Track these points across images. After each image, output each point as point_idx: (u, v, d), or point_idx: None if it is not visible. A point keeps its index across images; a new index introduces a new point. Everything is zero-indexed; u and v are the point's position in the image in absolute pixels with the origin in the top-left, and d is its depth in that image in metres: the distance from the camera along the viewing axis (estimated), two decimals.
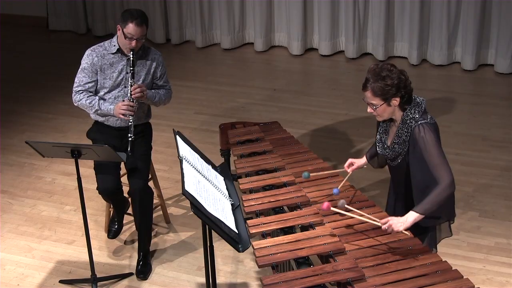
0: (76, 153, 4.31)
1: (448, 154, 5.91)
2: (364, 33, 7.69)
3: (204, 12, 8.11)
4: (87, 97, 4.69)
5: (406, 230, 3.68)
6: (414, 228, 3.75)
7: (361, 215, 3.82)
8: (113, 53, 4.66)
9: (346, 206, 3.86)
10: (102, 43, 4.73)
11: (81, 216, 4.52)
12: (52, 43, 8.64)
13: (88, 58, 4.68)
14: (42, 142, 4.45)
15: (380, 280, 3.46)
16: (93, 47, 4.70)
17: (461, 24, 7.30)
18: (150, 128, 4.98)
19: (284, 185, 4.32)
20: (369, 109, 3.81)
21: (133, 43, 4.54)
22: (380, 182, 5.48)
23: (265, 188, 4.33)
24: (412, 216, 3.66)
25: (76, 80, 4.72)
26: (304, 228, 3.93)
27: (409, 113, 3.77)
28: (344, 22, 7.70)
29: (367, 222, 3.81)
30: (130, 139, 4.62)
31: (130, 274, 4.82)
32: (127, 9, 4.59)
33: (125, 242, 5.13)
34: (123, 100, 4.63)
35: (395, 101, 3.74)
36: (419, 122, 3.74)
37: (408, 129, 3.77)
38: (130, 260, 4.96)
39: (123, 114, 4.60)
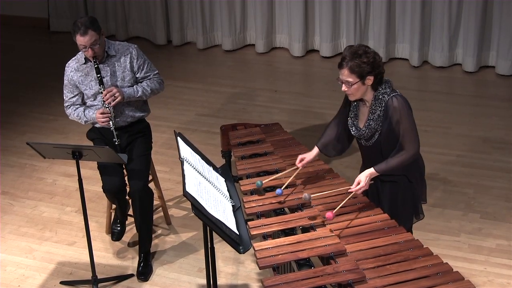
0: (77, 154, 4.31)
1: (449, 156, 5.93)
2: (365, 34, 7.69)
3: (205, 13, 8.11)
4: (74, 110, 4.79)
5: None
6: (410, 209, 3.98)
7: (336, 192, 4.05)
8: (84, 63, 4.71)
9: (312, 196, 4.02)
10: (76, 55, 4.79)
11: (82, 217, 4.52)
12: (53, 44, 8.64)
13: (66, 74, 4.77)
14: (43, 143, 4.45)
15: (381, 281, 3.45)
16: (68, 62, 4.79)
17: (462, 26, 7.30)
18: (149, 129, 4.98)
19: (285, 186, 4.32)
20: (343, 87, 3.94)
21: (89, 51, 4.57)
22: None
23: (266, 189, 4.33)
24: (369, 173, 3.95)
25: (64, 96, 4.83)
26: (305, 229, 3.93)
27: (380, 89, 3.94)
28: (345, 23, 7.70)
29: (347, 199, 3.97)
30: (116, 143, 4.69)
31: (131, 275, 4.82)
32: (74, 21, 4.62)
33: (128, 244, 5.12)
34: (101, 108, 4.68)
35: (369, 80, 3.89)
36: (391, 95, 3.91)
37: (381, 103, 3.92)
38: (130, 262, 4.96)
39: (103, 122, 4.66)
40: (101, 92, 4.62)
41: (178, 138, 4.02)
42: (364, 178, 3.95)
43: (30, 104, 7.16)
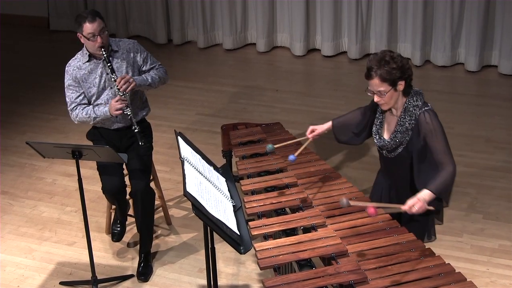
0: (77, 153, 4.30)
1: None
2: (367, 34, 7.68)
3: (206, 12, 8.11)
4: (82, 109, 4.72)
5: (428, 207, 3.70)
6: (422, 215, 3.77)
7: (383, 206, 3.82)
8: (87, 61, 4.68)
9: (351, 203, 3.81)
10: (76, 55, 4.75)
11: (81, 217, 4.51)
12: (53, 43, 8.64)
13: (68, 74, 4.72)
14: (43, 142, 4.44)
15: (382, 282, 3.45)
16: (69, 62, 4.74)
17: (465, 25, 7.29)
18: (149, 128, 4.97)
19: (286, 186, 4.32)
20: (376, 98, 3.81)
21: (98, 39, 4.55)
22: None
23: (267, 189, 4.32)
24: (427, 195, 3.67)
25: (67, 99, 4.75)
26: (306, 230, 3.92)
27: (411, 101, 3.82)
28: (347, 22, 7.69)
29: (391, 210, 3.80)
30: (136, 130, 4.61)
31: (131, 276, 4.81)
32: (77, 15, 4.62)
33: (127, 244, 5.12)
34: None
35: (401, 85, 3.77)
36: (423, 109, 3.79)
37: (411, 116, 3.80)
38: (131, 262, 4.95)
39: (119, 110, 4.59)
40: (114, 80, 4.59)
41: (179, 137, 4.02)
42: (420, 203, 3.65)
43: (30, 103, 7.16)
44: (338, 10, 7.67)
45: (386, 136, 3.95)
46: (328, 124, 4.27)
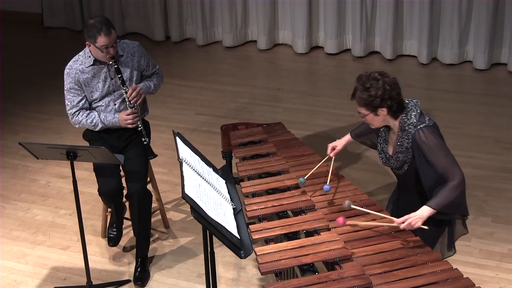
0: (71, 154, 4.31)
1: (459, 157, 5.89)
2: (371, 30, 7.68)
3: (205, 8, 8.11)
4: (86, 116, 4.73)
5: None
6: (431, 223, 3.81)
7: (375, 217, 3.91)
8: (92, 65, 4.67)
9: (352, 206, 3.93)
10: (77, 57, 4.73)
11: (76, 220, 4.52)
12: (47, 40, 8.64)
13: (69, 77, 4.70)
14: (36, 143, 4.45)
15: None
16: (70, 64, 4.72)
17: (473, 21, 7.29)
18: (148, 127, 4.98)
19: (288, 188, 4.32)
20: (360, 116, 3.90)
21: (111, 51, 4.56)
22: (388, 186, 5.47)
23: (268, 192, 4.33)
24: (426, 211, 3.74)
25: (67, 102, 4.75)
26: (309, 233, 3.92)
27: (405, 120, 3.84)
28: (351, 19, 7.69)
29: (382, 226, 3.85)
30: (145, 143, 4.72)
31: (128, 281, 4.81)
32: (86, 23, 4.56)
33: (123, 248, 5.12)
34: (126, 109, 4.69)
35: (382, 111, 3.82)
36: (418, 127, 3.82)
37: (408, 135, 3.84)
38: (127, 267, 4.95)
39: (131, 124, 4.67)
40: (126, 92, 4.64)
41: (177, 138, 4.02)
42: (414, 219, 3.75)
43: (23, 102, 7.16)
44: (342, 6, 7.67)
45: (391, 152, 3.99)
46: (347, 138, 4.36)
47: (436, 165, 3.78)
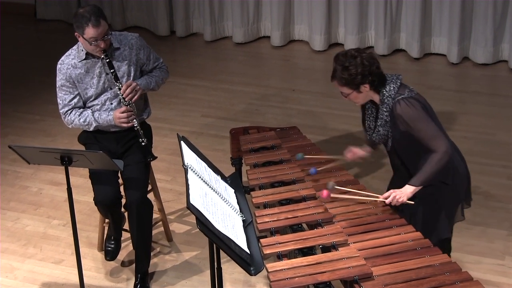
0: (66, 159, 4.32)
1: (493, 167, 5.90)
2: (396, 26, 7.68)
3: (213, 0, 8.14)
4: (79, 115, 4.75)
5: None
6: (430, 207, 4.13)
7: (360, 195, 4.16)
8: (84, 59, 4.70)
9: (336, 187, 4.18)
10: (69, 51, 4.76)
11: (70, 231, 4.53)
12: (40, 33, 8.69)
13: (61, 73, 4.73)
14: (27, 146, 4.47)
15: None
16: (62, 59, 4.75)
17: (509, 17, 7.28)
18: (149, 131, 5.00)
19: (303, 199, 4.33)
20: (343, 97, 4.14)
21: (101, 44, 4.57)
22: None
23: (281, 202, 4.33)
24: (409, 188, 4.04)
25: (58, 101, 4.78)
26: (326, 249, 3.93)
27: (385, 92, 4.06)
28: (374, 13, 7.70)
29: (367, 199, 4.12)
30: (143, 144, 4.71)
31: None
32: (76, 12, 4.59)
33: (122, 263, 5.14)
34: (121, 106, 4.69)
35: (365, 87, 4.05)
36: (396, 99, 4.02)
37: (387, 107, 4.06)
38: (125, 283, 4.97)
39: (125, 123, 4.66)
40: (119, 89, 4.65)
41: (182, 142, 4.04)
42: (398, 194, 4.06)
43: (13, 102, 7.20)
44: None
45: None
46: (368, 149, 4.51)
47: (419, 139, 3.99)
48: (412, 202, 4.04)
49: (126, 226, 5.10)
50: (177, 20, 8.33)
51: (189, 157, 3.94)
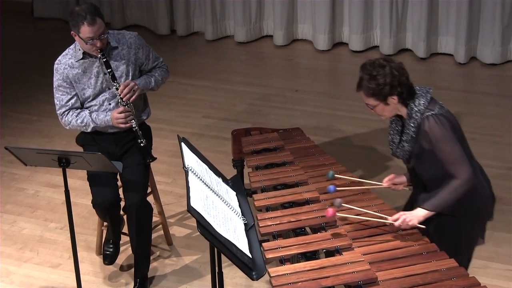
0: (64, 161, 4.33)
1: (500, 169, 5.90)
2: (402, 25, 7.68)
3: None
4: (76, 116, 4.75)
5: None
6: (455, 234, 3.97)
7: (368, 215, 4.04)
8: (81, 59, 4.70)
9: (343, 204, 4.05)
10: (66, 51, 4.77)
11: (68, 235, 4.53)
12: (37, 32, 8.69)
13: (58, 73, 4.74)
14: (24, 148, 4.47)
15: None
16: (59, 58, 4.76)
17: None
18: (148, 132, 5.00)
19: (306, 202, 4.32)
20: (368, 108, 3.99)
21: (97, 43, 4.57)
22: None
23: (284, 205, 4.33)
24: (421, 212, 3.90)
25: (55, 101, 4.78)
26: (330, 253, 3.92)
27: (413, 106, 3.90)
28: (379, 12, 7.70)
29: (374, 220, 4.00)
30: (142, 145, 4.72)
31: None
32: (72, 11, 4.59)
33: (120, 267, 5.14)
34: (119, 106, 4.69)
35: (393, 99, 3.88)
36: (425, 115, 3.87)
37: (414, 123, 3.90)
38: None
39: (123, 124, 4.66)
40: (117, 89, 4.65)
41: (182, 144, 4.04)
42: (408, 217, 3.91)
43: (9, 102, 7.20)
44: None
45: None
46: (404, 178, 4.30)
47: (441, 160, 3.85)
48: (423, 226, 3.90)
49: (125, 229, 5.10)
50: (178, 19, 8.34)
51: (190, 159, 3.94)
